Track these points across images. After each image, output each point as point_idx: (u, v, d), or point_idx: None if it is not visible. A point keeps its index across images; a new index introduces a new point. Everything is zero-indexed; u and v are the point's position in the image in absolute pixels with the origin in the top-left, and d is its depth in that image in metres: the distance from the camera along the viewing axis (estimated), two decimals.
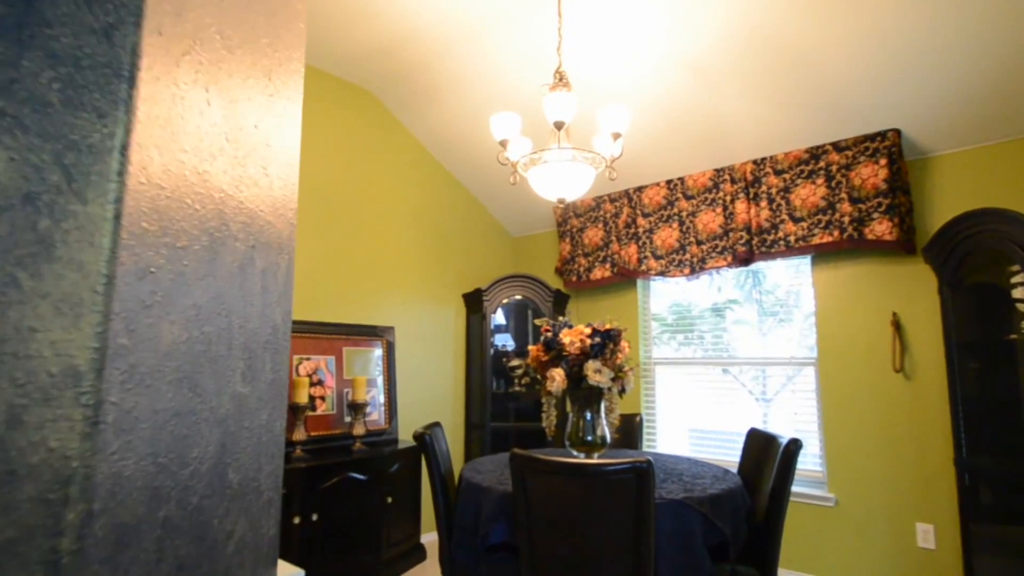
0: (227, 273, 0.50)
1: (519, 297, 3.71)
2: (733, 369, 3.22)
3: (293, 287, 0.66)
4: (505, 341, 3.93)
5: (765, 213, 2.92)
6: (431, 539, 3.28)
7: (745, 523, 1.79)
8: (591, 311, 3.83)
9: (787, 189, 2.86)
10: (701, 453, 3.31)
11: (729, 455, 3.16)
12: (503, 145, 1.83)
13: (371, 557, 2.41)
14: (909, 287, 2.65)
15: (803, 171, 2.82)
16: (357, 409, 2.63)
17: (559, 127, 1.75)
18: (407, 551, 2.65)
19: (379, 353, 3.02)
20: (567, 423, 1.97)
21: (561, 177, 1.83)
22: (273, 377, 0.61)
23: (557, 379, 1.86)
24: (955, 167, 2.59)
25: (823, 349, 2.85)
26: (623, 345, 1.89)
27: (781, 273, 3.10)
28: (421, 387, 3.44)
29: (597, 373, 1.83)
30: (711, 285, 3.35)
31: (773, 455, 1.99)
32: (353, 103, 3.20)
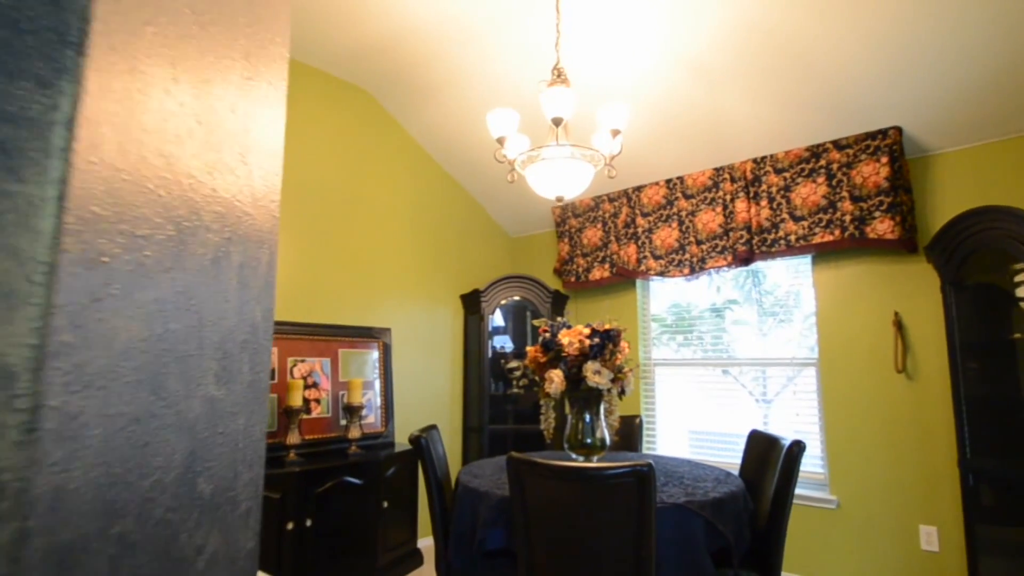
0: (198, 266, 0.46)
1: (517, 298, 3.67)
2: (733, 370, 3.19)
3: (275, 284, 0.62)
4: (504, 343, 3.89)
5: (765, 212, 2.89)
6: (428, 544, 3.23)
7: (748, 528, 1.76)
8: (590, 312, 3.79)
9: (787, 188, 2.83)
10: (701, 455, 3.28)
11: (730, 457, 3.13)
12: (500, 142, 1.80)
13: (366, 563, 2.37)
14: (911, 286, 2.62)
15: (804, 170, 2.79)
16: (353, 412, 2.59)
17: (557, 123, 1.72)
18: (403, 556, 2.60)
19: (375, 355, 2.98)
20: (566, 425, 1.93)
21: (559, 174, 1.79)
22: (252, 379, 0.58)
23: (555, 381, 1.83)
24: (957, 165, 2.57)
25: (824, 349, 2.82)
26: (623, 346, 1.86)
27: (781, 273, 3.07)
28: (418, 389, 3.40)
29: (596, 374, 1.80)
30: (711, 285, 3.32)
31: (776, 457, 1.96)
32: (349, 102, 3.17)
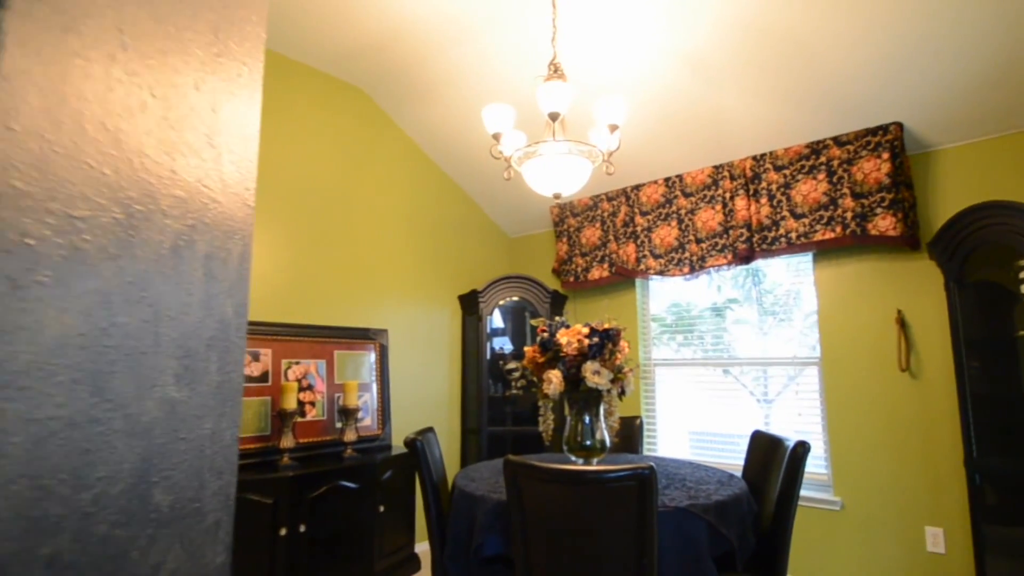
0: (153, 255, 0.42)
1: (516, 298, 3.63)
2: (734, 370, 3.15)
3: (250, 277, 0.58)
4: (503, 344, 3.85)
5: (765, 210, 2.85)
6: (426, 549, 3.19)
7: (752, 531, 1.72)
8: (589, 312, 3.75)
9: (788, 185, 2.80)
10: (702, 456, 3.23)
11: (731, 458, 3.09)
12: (496, 138, 1.76)
13: (362, 568, 2.32)
14: (914, 284, 2.59)
15: (804, 166, 2.76)
16: (348, 415, 2.54)
17: (554, 118, 1.68)
18: (400, 561, 2.56)
19: (372, 357, 2.94)
20: (565, 427, 1.89)
21: (557, 171, 1.75)
22: (222, 380, 0.53)
23: (554, 381, 1.78)
24: (958, 161, 2.54)
25: (826, 348, 2.78)
26: (622, 345, 1.81)
27: (781, 272, 3.03)
28: (416, 391, 3.36)
29: (595, 375, 1.76)
30: (711, 285, 3.28)
31: (779, 458, 1.92)
32: (344, 101, 3.13)
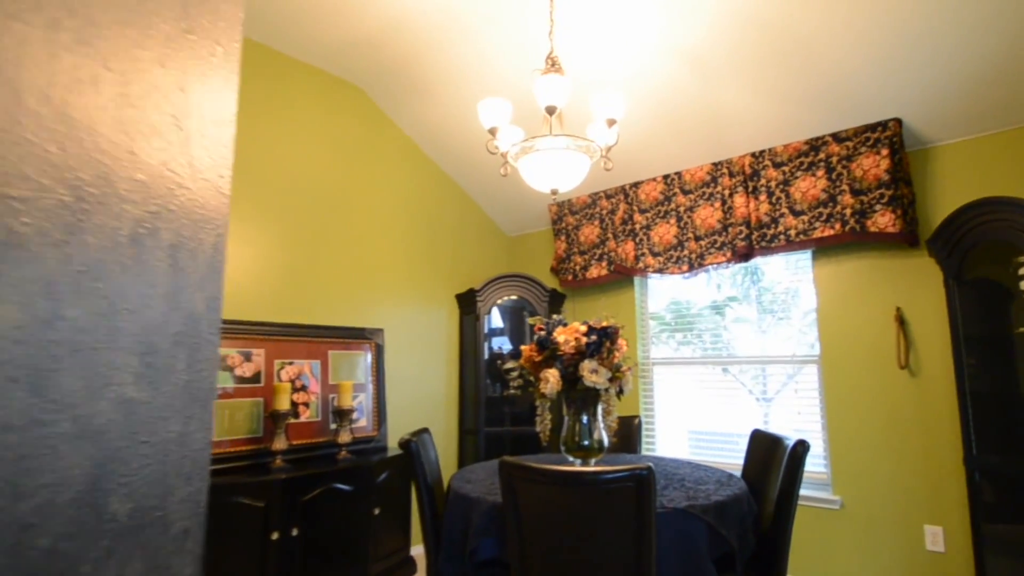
0: (108, 242, 0.39)
1: (514, 297, 3.60)
2: (733, 368, 3.12)
3: (223, 270, 0.55)
4: (502, 343, 3.81)
5: (764, 207, 2.83)
6: (422, 552, 3.15)
7: (752, 532, 1.69)
8: (588, 311, 3.72)
9: (787, 182, 2.77)
10: (701, 456, 3.21)
11: (730, 457, 3.06)
12: (492, 133, 1.72)
13: (357, 572, 2.29)
14: (913, 281, 2.57)
15: (803, 163, 2.73)
16: (343, 415, 2.51)
17: (551, 112, 1.65)
18: (396, 565, 2.52)
19: (367, 356, 2.90)
20: (562, 427, 1.86)
21: (554, 166, 1.72)
22: (190, 379, 0.50)
23: (551, 380, 1.75)
24: (957, 157, 2.52)
25: (826, 346, 2.76)
26: (620, 343, 1.78)
27: (780, 270, 3.01)
28: (412, 391, 3.32)
29: (593, 373, 1.73)
30: (709, 283, 3.26)
31: (779, 458, 1.89)
32: (340, 98, 3.09)
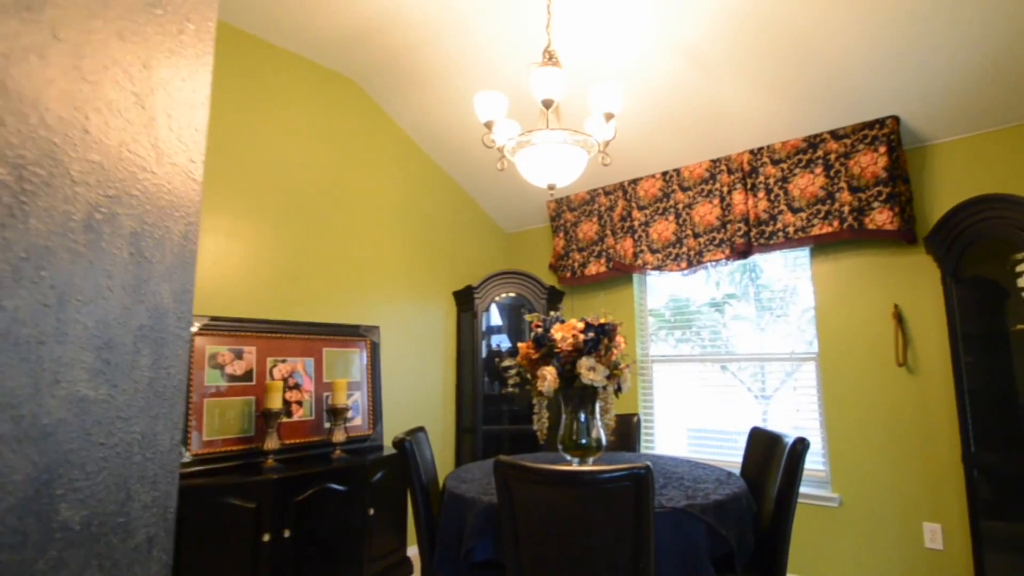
0: (57, 228, 0.35)
1: (512, 295, 3.57)
2: (732, 366, 3.10)
3: (195, 262, 0.51)
4: (501, 341, 3.78)
5: (763, 204, 2.80)
6: (418, 552, 3.13)
7: (751, 531, 1.66)
8: (586, 308, 3.70)
9: (785, 179, 2.75)
10: (700, 454, 3.19)
11: (729, 455, 3.04)
12: (488, 127, 1.69)
13: (352, 573, 2.26)
14: (911, 278, 2.55)
15: (801, 160, 2.71)
16: (337, 414, 2.47)
17: (548, 106, 1.62)
18: (392, 566, 2.49)
19: (363, 354, 2.87)
20: (560, 425, 1.83)
21: (551, 161, 1.69)
22: (155, 376, 0.47)
23: (548, 378, 1.72)
24: (954, 155, 2.51)
25: (824, 344, 2.74)
26: (618, 340, 1.76)
27: (778, 267, 2.99)
28: (408, 390, 3.29)
29: (591, 371, 1.70)
30: (708, 280, 3.24)
31: (779, 456, 1.87)
32: (333, 90, 3.04)
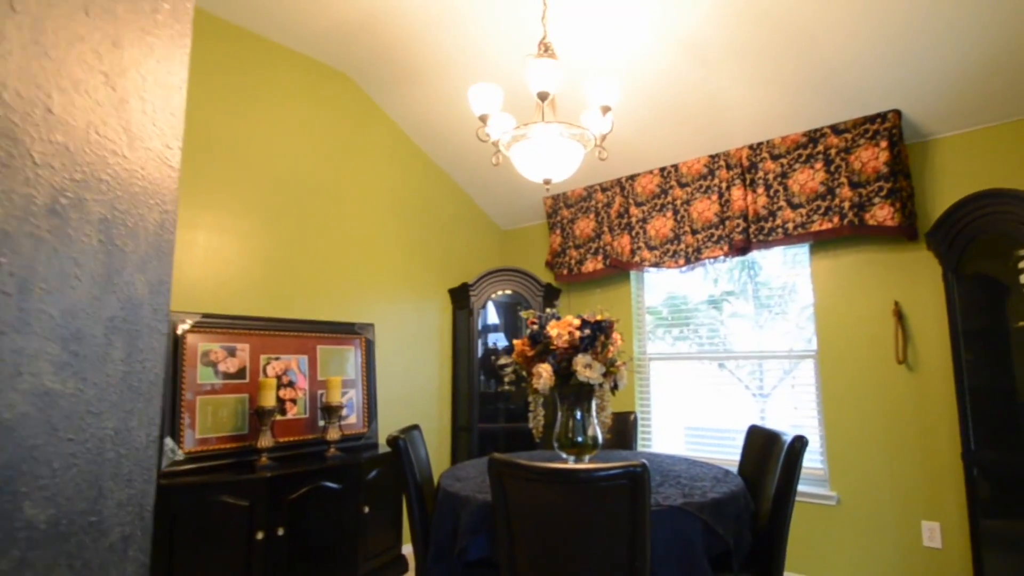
0: (17, 211, 0.33)
1: (509, 292, 3.55)
2: (729, 364, 3.09)
3: (173, 252, 0.49)
4: (497, 339, 3.77)
5: (762, 200, 2.79)
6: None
7: (749, 529, 1.65)
8: (583, 305, 3.68)
9: (785, 174, 2.73)
10: (697, 452, 3.18)
11: (727, 453, 3.03)
12: (483, 120, 1.67)
13: (346, 572, 2.24)
14: (911, 275, 2.54)
15: (801, 155, 2.69)
16: (331, 412, 2.45)
17: (543, 98, 1.60)
18: (387, 563, 2.48)
19: (357, 352, 2.85)
20: (556, 423, 1.82)
21: (547, 155, 1.67)
22: (129, 370, 0.45)
23: (544, 375, 1.71)
24: (956, 150, 2.49)
25: (823, 341, 2.73)
26: (615, 337, 1.74)
27: (776, 265, 2.97)
28: (404, 388, 3.27)
29: (587, 368, 1.68)
30: (706, 277, 3.22)
31: (776, 454, 1.85)
32: (327, 85, 3.01)
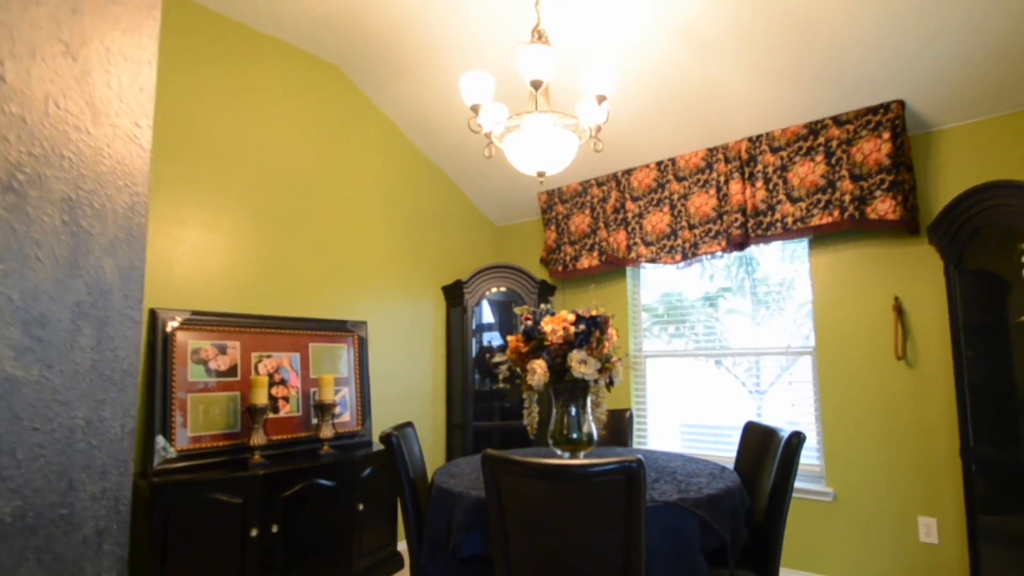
0: None
1: (503, 289, 3.52)
2: (726, 361, 3.07)
3: (145, 236, 0.47)
4: (493, 338, 3.75)
5: (761, 194, 2.76)
6: None
7: (745, 525, 1.64)
8: (578, 302, 3.66)
9: (784, 167, 2.71)
10: (693, 449, 3.16)
11: (723, 450, 3.02)
12: (475, 111, 1.64)
13: (341, 569, 2.22)
14: (912, 270, 2.52)
15: (801, 148, 2.67)
16: (324, 410, 2.43)
17: (536, 87, 1.57)
18: (382, 560, 2.46)
19: (350, 349, 2.82)
20: (550, 420, 1.80)
21: (541, 146, 1.65)
22: (100, 358, 0.43)
23: (538, 372, 1.69)
24: (960, 142, 2.46)
25: (821, 337, 2.71)
26: (610, 333, 1.72)
27: (775, 260, 2.96)
28: (398, 385, 3.25)
29: (582, 364, 1.66)
30: (703, 274, 3.20)
31: (773, 450, 1.84)
32: (315, 77, 2.96)
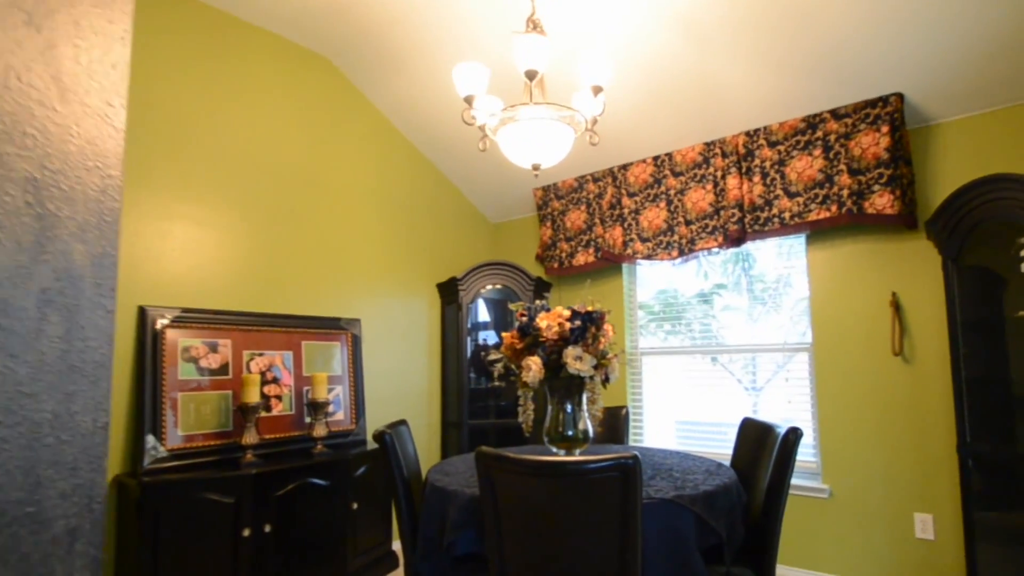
0: None
1: (499, 286, 3.50)
2: (722, 357, 3.06)
3: (119, 222, 0.45)
4: (488, 336, 3.73)
5: (758, 189, 2.75)
6: None
7: (741, 522, 1.63)
8: (574, 300, 3.65)
9: (782, 162, 2.70)
10: (690, 446, 3.16)
11: (719, 447, 3.02)
12: (468, 102, 1.61)
13: (335, 568, 2.20)
14: (910, 265, 2.52)
15: (799, 142, 2.65)
16: (317, 408, 2.40)
17: (531, 77, 1.54)
18: (376, 559, 2.44)
19: (343, 348, 2.79)
20: (546, 417, 1.78)
21: (535, 138, 1.62)
22: (67, 348, 0.40)
23: (533, 368, 1.67)
24: (959, 135, 2.44)
25: (818, 333, 2.71)
26: (606, 329, 1.70)
27: (771, 257, 2.95)
28: (392, 384, 3.22)
29: (577, 360, 1.64)
30: (699, 271, 3.19)
31: (770, 446, 1.83)
32: (307, 70, 2.91)
